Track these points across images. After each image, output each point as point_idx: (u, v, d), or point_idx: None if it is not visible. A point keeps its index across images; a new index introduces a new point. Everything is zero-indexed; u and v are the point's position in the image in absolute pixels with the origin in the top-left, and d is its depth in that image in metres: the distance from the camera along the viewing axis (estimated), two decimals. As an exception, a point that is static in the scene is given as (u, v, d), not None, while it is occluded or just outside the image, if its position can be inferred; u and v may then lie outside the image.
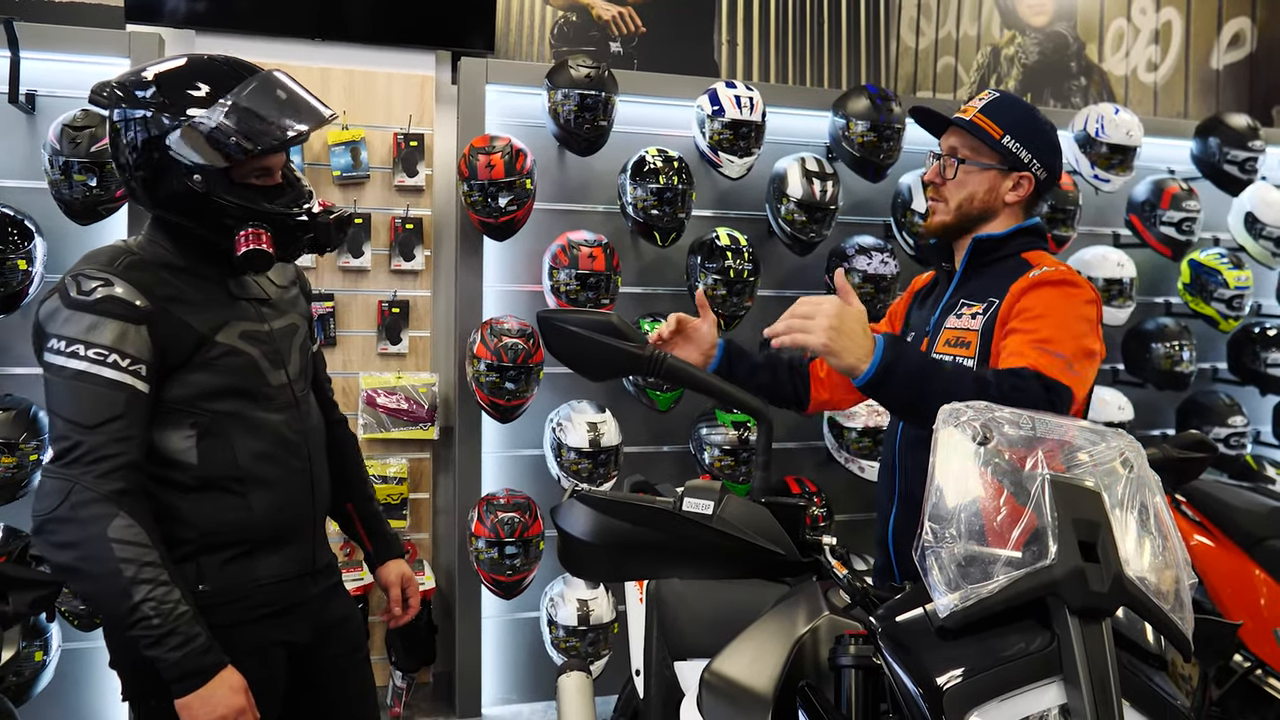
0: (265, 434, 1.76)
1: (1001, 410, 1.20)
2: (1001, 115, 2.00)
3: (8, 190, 3.18)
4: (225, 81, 1.66)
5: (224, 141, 1.62)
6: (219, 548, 1.71)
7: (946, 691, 1.07)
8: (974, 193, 2.00)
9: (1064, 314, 1.80)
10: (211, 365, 1.70)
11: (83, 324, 1.58)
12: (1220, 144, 4.26)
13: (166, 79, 1.67)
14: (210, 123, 1.62)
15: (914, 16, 4.86)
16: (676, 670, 1.90)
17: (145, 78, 1.68)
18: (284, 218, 1.72)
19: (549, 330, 1.57)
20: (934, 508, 1.15)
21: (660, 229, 3.51)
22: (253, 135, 1.63)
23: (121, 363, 1.58)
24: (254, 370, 1.75)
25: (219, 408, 1.71)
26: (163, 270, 1.70)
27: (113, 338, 1.58)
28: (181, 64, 1.70)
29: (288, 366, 1.83)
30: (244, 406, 1.73)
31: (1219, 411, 4.33)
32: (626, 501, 1.29)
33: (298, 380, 1.86)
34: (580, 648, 3.42)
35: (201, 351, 1.68)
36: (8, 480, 2.94)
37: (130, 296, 1.61)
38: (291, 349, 1.86)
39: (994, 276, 1.97)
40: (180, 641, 1.55)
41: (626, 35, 4.38)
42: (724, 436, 3.62)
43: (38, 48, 3.16)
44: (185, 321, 1.67)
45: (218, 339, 1.71)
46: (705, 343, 2.07)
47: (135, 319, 1.61)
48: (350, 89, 3.61)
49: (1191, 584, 1.16)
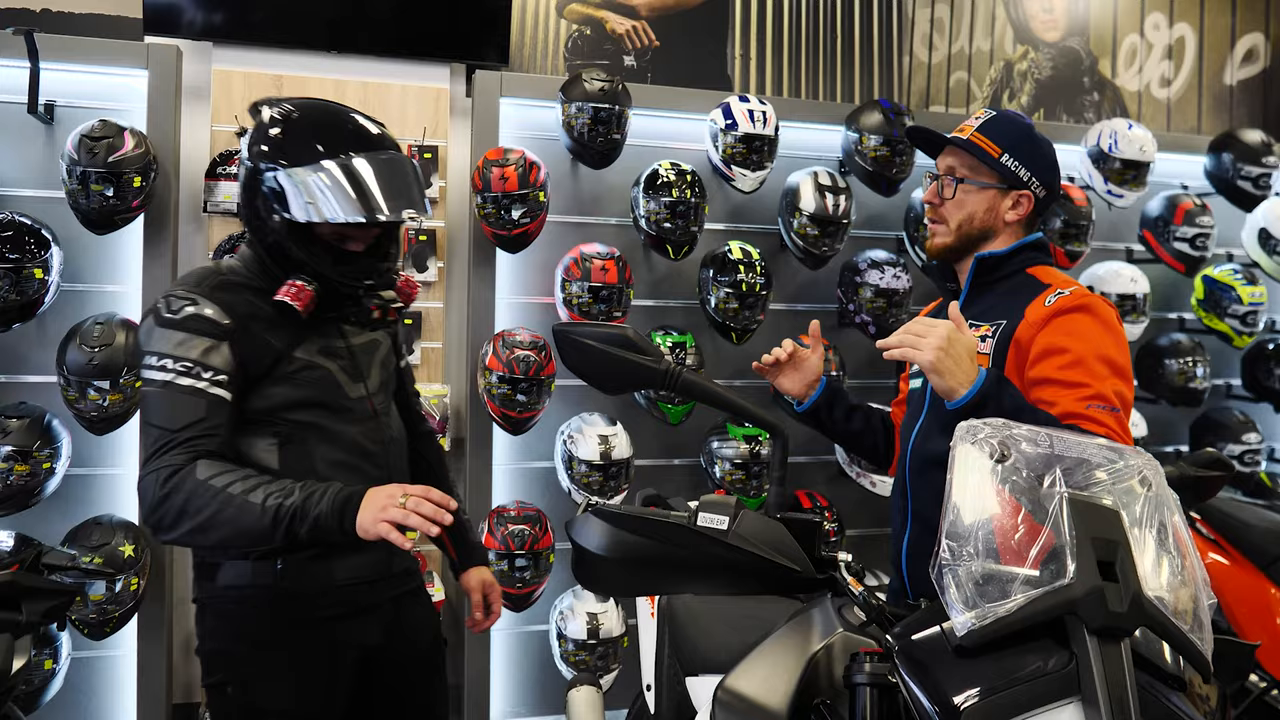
0: (343, 443, 1.83)
1: (1019, 428, 1.20)
2: (999, 134, 1.98)
3: (25, 200, 3.20)
4: (337, 145, 1.74)
5: (292, 202, 1.72)
6: (299, 548, 1.75)
7: (964, 711, 1.06)
8: (973, 212, 1.97)
9: (1095, 346, 1.78)
10: (290, 379, 1.79)
11: (172, 340, 1.70)
12: (1234, 160, 4.25)
13: (293, 121, 1.77)
14: (294, 181, 1.72)
15: (927, 31, 4.87)
16: (688, 686, 1.89)
17: (282, 110, 1.79)
18: (338, 285, 1.80)
19: (565, 344, 1.58)
20: (951, 525, 1.15)
21: (673, 242, 3.51)
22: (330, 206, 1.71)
23: (205, 375, 1.70)
24: (332, 384, 1.84)
25: (299, 418, 1.80)
26: (246, 291, 1.80)
27: (198, 352, 1.70)
28: (310, 112, 1.80)
29: (367, 380, 1.91)
30: (322, 417, 1.82)
31: (1233, 428, 4.30)
32: (641, 516, 1.29)
33: (377, 394, 1.93)
34: (590, 661, 3.41)
35: (280, 366, 1.79)
36: (21, 488, 2.95)
37: (215, 315, 1.73)
38: (372, 364, 1.93)
39: (1001, 295, 1.94)
40: (319, 495, 1.65)
41: (640, 49, 4.40)
42: (735, 450, 3.61)
43: (57, 59, 3.18)
44: (265, 338, 1.77)
45: (296, 354, 1.80)
46: (811, 374, 2.13)
47: (219, 335, 1.72)
48: (365, 101, 3.62)
49: (1211, 604, 1.15)
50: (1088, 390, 1.73)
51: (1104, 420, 1.69)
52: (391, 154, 1.79)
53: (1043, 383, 1.79)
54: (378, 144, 1.79)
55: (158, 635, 3.27)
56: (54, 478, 3.05)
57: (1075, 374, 1.75)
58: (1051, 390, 1.77)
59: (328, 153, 1.73)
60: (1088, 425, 1.68)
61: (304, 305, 1.77)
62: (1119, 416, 1.72)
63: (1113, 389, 1.74)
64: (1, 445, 2.93)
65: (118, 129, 3.07)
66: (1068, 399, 1.73)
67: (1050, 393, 1.77)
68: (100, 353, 2.99)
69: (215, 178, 3.39)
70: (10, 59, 3.13)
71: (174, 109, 3.34)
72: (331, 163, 1.72)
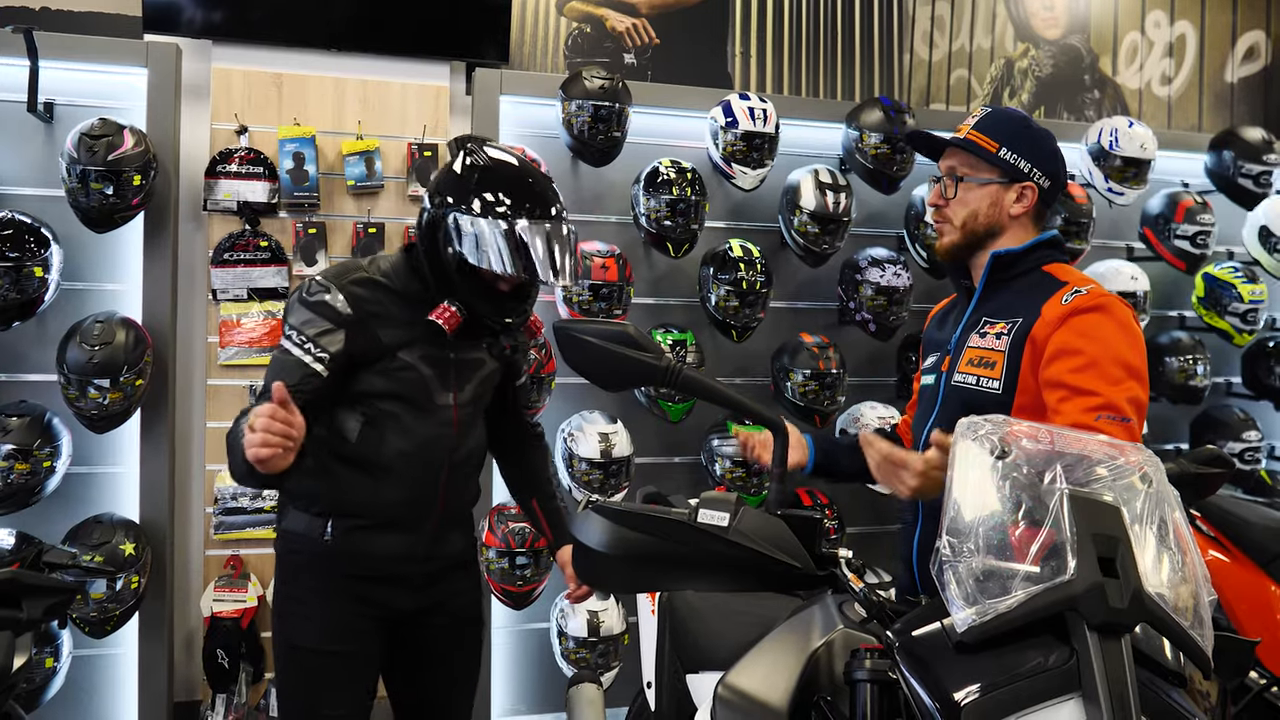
0: (414, 438, 2.05)
1: (1020, 424, 1.19)
2: (995, 129, 1.98)
3: (25, 198, 3.20)
4: (519, 202, 1.97)
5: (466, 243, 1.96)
6: (348, 515, 2.05)
7: (964, 707, 1.06)
8: (977, 209, 1.97)
9: (1111, 348, 1.77)
10: (389, 373, 2.02)
11: (301, 317, 1.97)
12: (1235, 157, 4.25)
13: (491, 173, 2.01)
14: (475, 227, 1.95)
15: (928, 29, 4.86)
16: (689, 683, 1.89)
17: (486, 158, 2.03)
18: (481, 316, 2.04)
19: (565, 341, 1.58)
20: (952, 522, 1.14)
21: (673, 240, 3.51)
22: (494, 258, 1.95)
23: (314, 350, 1.94)
24: (421, 386, 2.05)
25: (384, 407, 2.03)
26: (379, 290, 2.03)
27: (316, 331, 1.95)
28: (507, 168, 2.04)
29: (459, 392, 2.11)
30: (405, 411, 2.04)
31: (1233, 426, 4.30)
32: (642, 513, 1.29)
33: (466, 405, 2.13)
34: (590, 659, 3.41)
35: (383, 361, 2.02)
36: (22, 486, 2.96)
37: (340, 305, 1.97)
38: (470, 379, 2.13)
39: (1017, 292, 1.93)
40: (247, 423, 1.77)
41: (640, 47, 4.40)
42: (735, 448, 3.61)
43: (56, 57, 3.19)
44: (377, 335, 2.00)
45: (399, 354, 2.03)
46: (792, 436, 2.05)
47: (337, 322, 1.97)
48: (365, 99, 3.63)
49: (1211, 600, 1.15)
50: (1098, 399, 1.72)
51: (1112, 432, 1.66)
52: (562, 227, 2.03)
53: (1055, 386, 1.78)
54: (553, 215, 2.01)
55: (159, 633, 3.27)
56: (54, 476, 3.06)
57: (1087, 379, 1.74)
58: (1062, 396, 1.76)
59: (508, 212, 1.96)
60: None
61: (451, 328, 2.01)
62: (1129, 427, 1.71)
63: (1125, 395, 1.73)
64: (2, 444, 2.93)
65: (117, 127, 3.07)
66: (1076, 409, 1.72)
67: (1061, 397, 1.76)
68: (100, 351, 2.99)
69: (215, 176, 3.39)
70: (9, 57, 3.13)
71: (174, 107, 3.33)
72: (505, 223, 1.95)
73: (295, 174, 3.45)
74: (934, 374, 2.05)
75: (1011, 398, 1.85)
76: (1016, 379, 1.84)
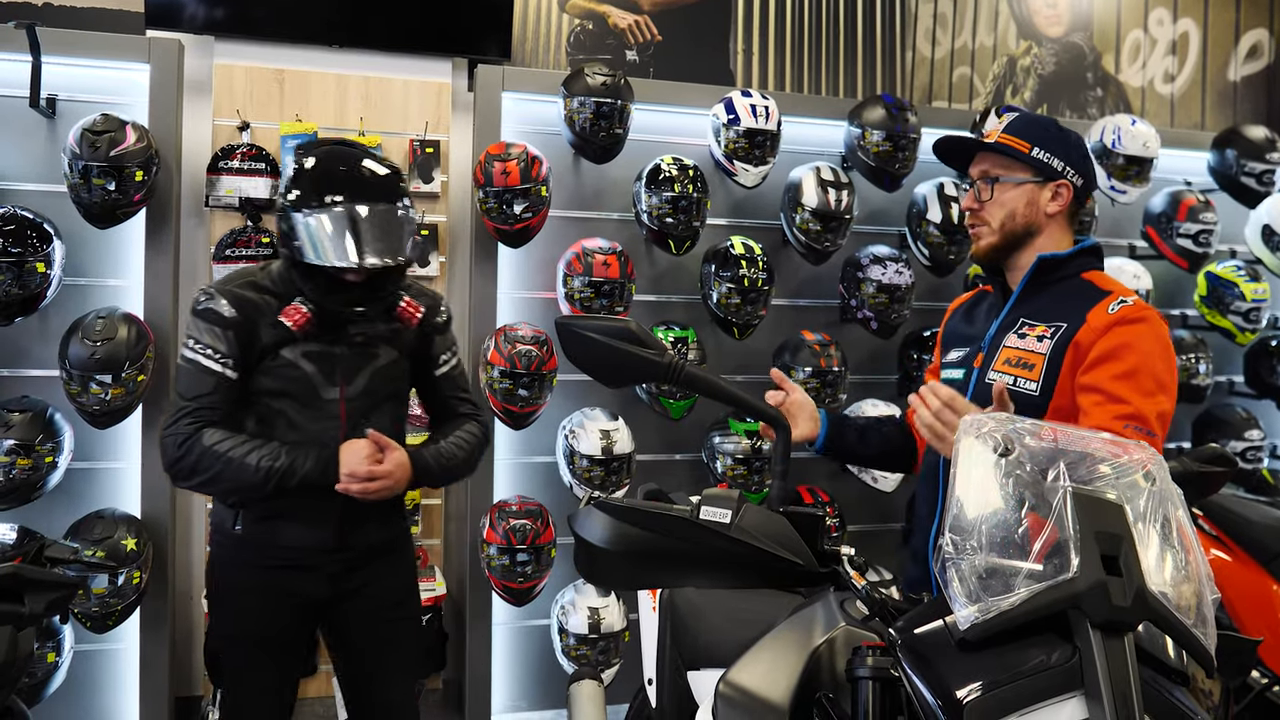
0: (304, 433, 2.15)
1: (1023, 421, 1.19)
2: (1026, 130, 2.01)
3: (27, 194, 3.20)
4: (323, 192, 2.04)
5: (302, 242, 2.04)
6: (253, 504, 2.17)
7: (967, 705, 1.06)
8: (1014, 209, 1.99)
9: (1149, 360, 1.83)
10: (273, 372, 2.13)
11: (196, 327, 2.10)
12: (1237, 156, 4.24)
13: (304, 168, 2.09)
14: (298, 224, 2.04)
15: (930, 26, 4.86)
16: (690, 680, 1.89)
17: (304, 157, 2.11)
18: (331, 313, 2.12)
19: (567, 337, 1.57)
20: (955, 519, 1.14)
21: (675, 237, 3.51)
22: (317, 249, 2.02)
23: (215, 355, 2.08)
24: (306, 383, 2.15)
25: (273, 405, 2.15)
26: (262, 292, 2.14)
27: (210, 337, 2.09)
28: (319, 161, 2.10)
29: (346, 385, 2.19)
30: (291, 408, 2.15)
31: (1236, 425, 4.30)
32: (644, 509, 1.28)
33: (356, 398, 2.20)
34: (591, 656, 3.41)
35: (267, 360, 2.13)
36: (24, 482, 2.96)
37: (223, 309, 2.09)
38: (359, 372, 2.21)
39: (1058, 297, 1.96)
40: (303, 459, 2.09)
41: (642, 43, 4.39)
42: (737, 445, 3.61)
43: (59, 53, 3.18)
44: (259, 334, 2.12)
45: (282, 353, 2.13)
46: (806, 410, 2.17)
47: (224, 324, 2.09)
48: (367, 95, 3.62)
49: (1214, 599, 1.14)
50: (1129, 408, 1.77)
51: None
52: (379, 205, 2.06)
53: (1091, 390, 1.83)
54: (375, 195, 2.06)
55: (160, 628, 3.27)
56: (56, 472, 3.06)
57: (1123, 387, 1.80)
58: (1095, 399, 1.81)
59: (327, 201, 2.03)
60: None
61: (297, 325, 2.10)
62: (1153, 441, 1.75)
63: (1155, 409, 1.79)
64: (4, 439, 2.93)
65: (119, 123, 3.07)
66: (1106, 414, 1.77)
67: (1093, 401, 1.81)
68: (102, 347, 2.99)
69: (217, 172, 3.39)
70: (12, 53, 3.13)
71: (176, 103, 3.33)
72: (312, 214, 2.02)
73: (297, 170, 3.44)
74: (962, 369, 2.07)
75: (1048, 400, 1.89)
76: (1055, 382, 1.88)
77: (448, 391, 2.42)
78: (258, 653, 2.22)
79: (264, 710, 2.26)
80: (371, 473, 2.10)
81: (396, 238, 2.07)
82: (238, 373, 2.10)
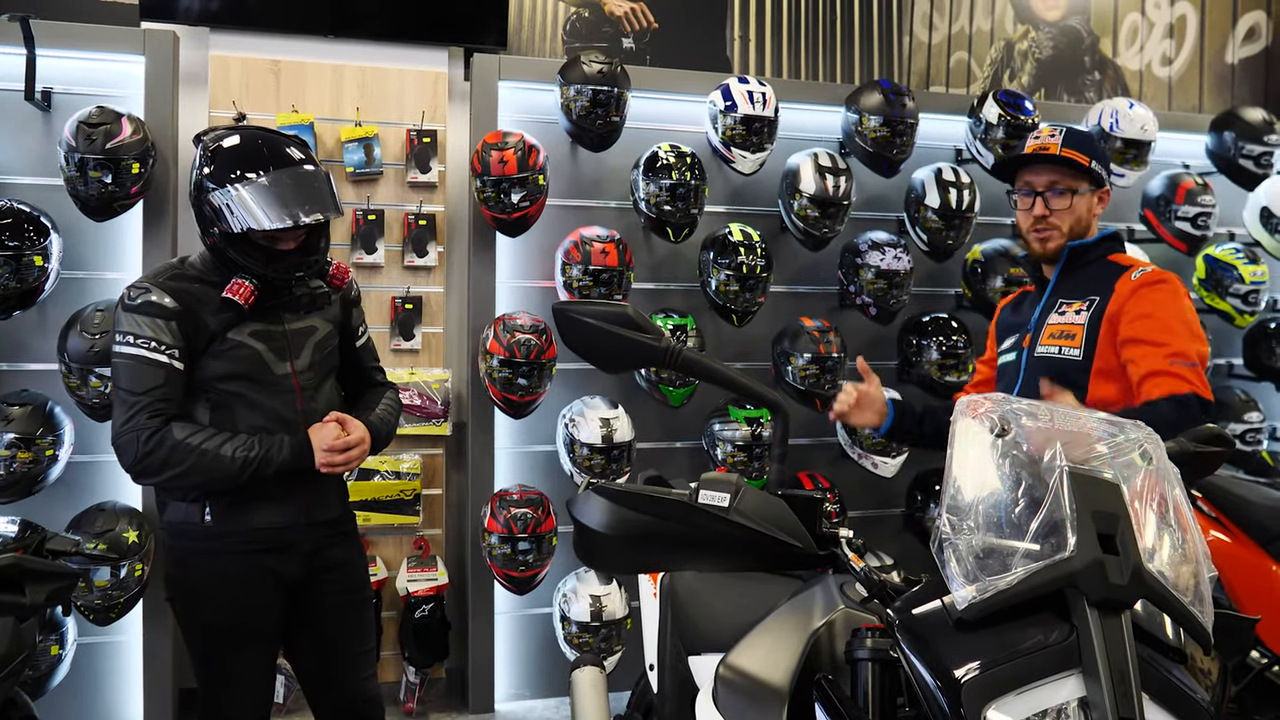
0: (263, 412, 2.19)
1: (1019, 402, 1.19)
2: (1082, 145, 2.29)
3: (24, 187, 3.20)
4: (251, 162, 2.10)
5: (227, 216, 2.09)
6: (222, 494, 2.18)
7: (965, 684, 1.06)
8: (1080, 215, 2.31)
9: (1177, 311, 2.16)
10: (223, 355, 2.16)
11: (134, 322, 2.11)
12: (1235, 138, 4.24)
13: (223, 150, 2.13)
14: (226, 198, 2.08)
15: (927, 11, 4.84)
16: (691, 665, 1.89)
17: (216, 141, 2.15)
18: (273, 281, 2.16)
19: (565, 322, 1.57)
20: (952, 500, 1.14)
21: (673, 225, 3.50)
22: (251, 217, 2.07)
23: (160, 348, 2.09)
24: (258, 361, 2.18)
25: (227, 389, 2.17)
26: (196, 282, 2.17)
27: (152, 330, 2.10)
28: (237, 140, 2.15)
29: (295, 360, 2.24)
30: (248, 389, 2.18)
31: (1235, 407, 4.30)
32: (642, 493, 1.29)
33: (305, 372, 2.26)
34: (593, 643, 3.42)
35: (215, 344, 2.15)
36: (25, 475, 2.96)
37: (162, 300, 2.11)
38: (304, 346, 2.26)
39: (1089, 278, 2.29)
40: (278, 448, 2.14)
41: (639, 31, 4.38)
42: (737, 432, 3.61)
43: (53, 45, 3.18)
44: (203, 320, 2.14)
45: (229, 335, 2.16)
46: (878, 404, 2.37)
47: (166, 316, 2.11)
48: (363, 85, 3.62)
49: (1211, 577, 1.15)
50: (1171, 348, 2.09)
51: (1186, 375, 2.06)
52: (305, 168, 2.15)
53: (1134, 341, 2.14)
54: (292, 160, 2.14)
55: (162, 620, 3.28)
56: (57, 465, 3.06)
57: (1161, 335, 2.12)
58: (1141, 349, 2.12)
59: (250, 172, 2.09)
60: (1172, 380, 2.06)
61: (245, 299, 2.13)
62: (1198, 371, 2.08)
63: (1194, 347, 2.11)
64: (4, 433, 2.94)
65: (115, 115, 3.06)
66: (1155, 356, 2.09)
67: (1140, 351, 2.12)
68: (101, 340, 2.99)
69: (214, 163, 3.38)
70: (7, 46, 3.12)
71: (171, 95, 3.33)
72: (247, 184, 2.08)
73: (294, 161, 3.44)
74: (1015, 351, 2.39)
75: (1090, 363, 2.21)
76: (1095, 346, 2.20)
77: (368, 362, 2.49)
78: (245, 640, 2.24)
79: (254, 699, 2.28)
80: (347, 443, 2.20)
81: (326, 195, 2.16)
82: (184, 363, 2.12)
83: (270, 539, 2.22)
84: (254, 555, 2.22)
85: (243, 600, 2.22)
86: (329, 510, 2.34)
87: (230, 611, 2.22)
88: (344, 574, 2.36)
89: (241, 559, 2.21)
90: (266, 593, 2.25)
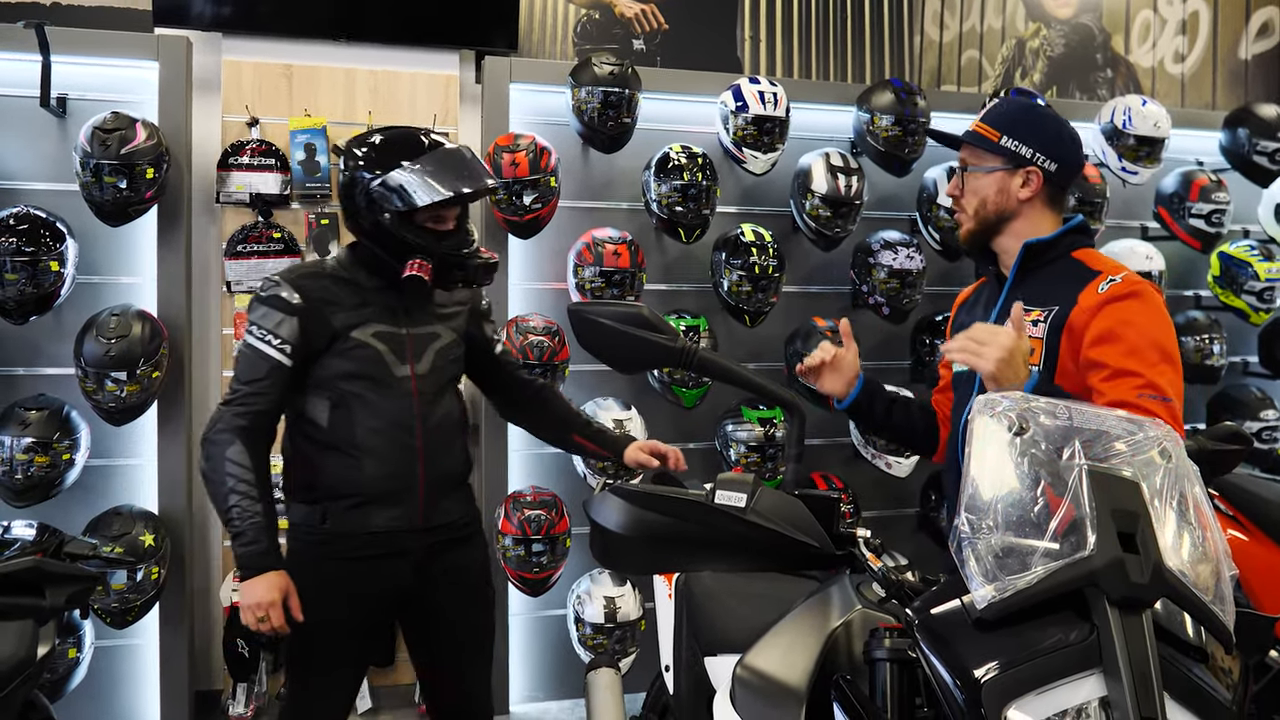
0: (382, 414, 2.20)
1: (1038, 400, 1.19)
2: (999, 119, 2.04)
3: (39, 193, 3.22)
4: (414, 147, 2.19)
5: (406, 195, 2.15)
6: (341, 497, 2.20)
7: (985, 684, 1.06)
8: (985, 196, 2.04)
9: (1148, 333, 1.84)
10: (346, 354, 2.19)
11: (259, 313, 2.17)
12: (1249, 135, 4.21)
13: (378, 144, 2.22)
14: (399, 180, 2.15)
15: (938, 10, 4.83)
16: (707, 665, 1.89)
17: (366, 140, 2.24)
18: (446, 256, 2.20)
19: (580, 323, 1.58)
20: (970, 499, 1.14)
21: (685, 225, 3.50)
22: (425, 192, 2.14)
23: (274, 341, 2.14)
24: (379, 362, 2.21)
25: (348, 388, 2.19)
26: (327, 279, 2.22)
27: (272, 324, 2.15)
28: (388, 135, 2.24)
29: (416, 364, 2.25)
30: (368, 389, 2.20)
31: (1250, 405, 4.27)
32: (659, 494, 1.29)
33: (425, 376, 2.26)
34: (607, 645, 3.42)
35: (338, 343, 2.18)
36: (42, 479, 2.98)
37: (289, 296, 2.16)
38: (425, 351, 2.28)
39: (1050, 281, 1.98)
40: (248, 541, 2.07)
41: (649, 32, 4.38)
42: (750, 433, 3.61)
43: (68, 51, 3.20)
44: (328, 319, 2.18)
45: (352, 334, 2.19)
46: (850, 372, 2.17)
47: (289, 311, 2.15)
48: (374, 89, 3.63)
49: (1232, 575, 1.14)
50: (1140, 380, 1.79)
51: (1155, 410, 1.72)
52: (457, 147, 2.23)
53: (1097, 367, 1.84)
54: (440, 143, 2.22)
55: (179, 623, 3.30)
56: (74, 469, 3.08)
57: (1129, 362, 1.81)
58: (1104, 376, 1.82)
59: (412, 156, 2.17)
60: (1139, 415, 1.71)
61: (428, 274, 2.17)
62: (1170, 406, 1.77)
63: (1166, 378, 1.80)
64: (21, 437, 2.96)
65: (129, 121, 3.08)
66: (1122, 387, 1.79)
67: (1103, 380, 1.82)
68: (117, 344, 3.00)
69: (227, 168, 3.39)
70: (22, 53, 3.14)
71: (185, 100, 3.34)
72: (416, 162, 2.16)
73: (307, 165, 3.45)
74: None
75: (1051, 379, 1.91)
76: (1055, 363, 1.90)
77: (513, 368, 2.54)
78: (341, 645, 2.24)
79: (337, 703, 2.28)
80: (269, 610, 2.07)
81: (480, 169, 2.24)
82: (294, 360, 2.16)
83: (383, 544, 2.22)
84: (364, 562, 2.21)
85: (344, 603, 2.20)
86: (445, 515, 2.32)
87: (331, 614, 2.18)
88: (460, 577, 2.35)
89: (350, 564, 2.21)
90: (370, 597, 2.24)
